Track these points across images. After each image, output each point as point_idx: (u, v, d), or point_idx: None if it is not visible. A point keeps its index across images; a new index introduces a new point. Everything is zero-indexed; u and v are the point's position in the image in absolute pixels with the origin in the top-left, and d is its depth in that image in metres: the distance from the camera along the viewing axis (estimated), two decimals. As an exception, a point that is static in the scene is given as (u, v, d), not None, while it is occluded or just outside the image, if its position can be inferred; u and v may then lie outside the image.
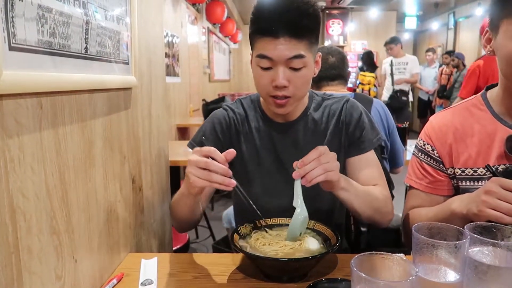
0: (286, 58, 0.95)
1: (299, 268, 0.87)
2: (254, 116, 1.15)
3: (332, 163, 0.89)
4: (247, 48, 11.31)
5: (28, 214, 0.63)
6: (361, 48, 8.64)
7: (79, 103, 0.79)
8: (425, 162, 1.10)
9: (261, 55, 0.97)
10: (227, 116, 1.15)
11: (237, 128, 1.15)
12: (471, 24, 7.47)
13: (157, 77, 1.33)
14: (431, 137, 1.09)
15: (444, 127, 1.08)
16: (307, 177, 0.87)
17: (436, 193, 1.08)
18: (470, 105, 1.08)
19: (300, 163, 0.88)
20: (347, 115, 1.12)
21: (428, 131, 1.12)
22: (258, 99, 1.18)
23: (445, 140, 1.06)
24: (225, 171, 0.84)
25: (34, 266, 0.65)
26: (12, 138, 0.60)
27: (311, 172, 0.87)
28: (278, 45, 0.94)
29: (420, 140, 1.13)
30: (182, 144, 3.07)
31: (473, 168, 1.02)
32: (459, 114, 1.07)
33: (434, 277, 0.68)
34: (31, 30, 0.61)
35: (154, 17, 1.28)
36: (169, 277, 0.92)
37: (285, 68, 0.97)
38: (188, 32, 4.60)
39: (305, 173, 0.87)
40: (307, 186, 0.88)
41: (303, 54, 0.96)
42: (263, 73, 0.99)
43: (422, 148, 1.11)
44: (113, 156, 0.97)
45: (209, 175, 0.83)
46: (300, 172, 0.88)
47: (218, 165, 0.84)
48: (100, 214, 0.90)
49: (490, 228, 0.74)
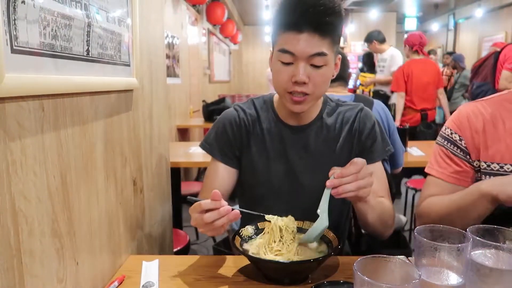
0: (308, 55, 0.95)
1: (300, 270, 0.87)
2: (266, 117, 1.14)
3: (367, 180, 0.88)
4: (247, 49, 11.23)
5: (30, 217, 0.63)
6: (361, 49, 8.64)
7: (80, 106, 0.79)
8: (450, 151, 1.06)
9: (283, 49, 0.97)
10: (237, 117, 1.14)
11: (247, 129, 1.13)
12: (471, 25, 7.48)
13: (158, 78, 1.33)
14: (460, 127, 1.05)
15: (475, 117, 1.04)
16: (339, 190, 0.86)
17: (459, 184, 1.04)
18: (503, 99, 1.04)
19: (338, 174, 0.87)
20: (360, 123, 1.12)
21: (456, 120, 1.07)
22: (272, 100, 1.16)
23: (475, 130, 1.02)
24: (222, 213, 0.81)
25: (35, 269, 0.65)
26: (14, 141, 0.60)
27: (345, 186, 0.86)
28: (301, 41, 0.94)
29: (447, 129, 1.08)
30: (183, 145, 3.07)
31: (499, 163, 0.99)
32: (491, 107, 1.04)
33: (436, 280, 0.68)
34: (33, 33, 0.61)
35: (155, 18, 1.28)
36: (170, 279, 0.92)
37: (306, 65, 0.96)
38: (188, 33, 4.60)
39: (339, 185, 0.86)
40: (336, 197, 0.88)
41: (325, 52, 0.96)
42: (283, 68, 0.99)
43: (449, 137, 1.07)
44: (114, 158, 0.97)
45: (213, 225, 0.82)
46: (335, 183, 0.87)
47: (212, 214, 0.81)
48: (102, 217, 0.90)
49: (492, 231, 0.73)
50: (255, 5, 7.66)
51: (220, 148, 1.12)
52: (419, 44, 3.96)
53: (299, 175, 1.10)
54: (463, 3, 7.52)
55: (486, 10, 6.72)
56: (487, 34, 6.67)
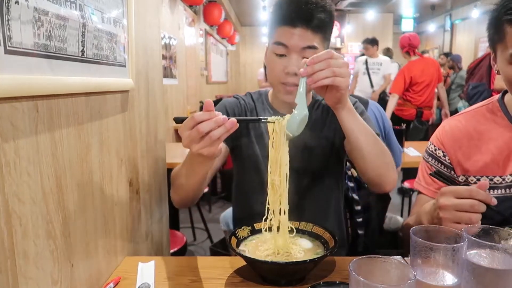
0: (300, 47, 1.04)
1: (296, 271, 0.87)
2: (262, 107, 1.24)
3: (343, 69, 0.85)
4: (245, 50, 11.27)
5: (24, 218, 0.63)
6: (358, 50, 8.66)
7: (75, 106, 0.79)
8: (435, 168, 1.07)
9: (278, 42, 1.06)
10: (239, 103, 1.24)
11: (246, 115, 1.23)
12: (468, 26, 7.51)
13: (154, 79, 1.33)
14: (443, 143, 1.06)
15: (458, 132, 1.04)
16: (314, 77, 0.85)
17: None
18: (485, 110, 1.04)
19: (310, 61, 0.86)
20: None
21: (440, 136, 1.08)
22: (266, 93, 1.27)
23: (458, 146, 1.03)
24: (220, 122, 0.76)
25: (30, 271, 0.65)
26: (8, 142, 0.59)
27: (319, 73, 0.84)
28: (294, 34, 1.03)
29: (431, 145, 1.09)
30: (179, 146, 3.05)
31: (489, 176, 0.99)
32: (474, 119, 1.04)
33: (432, 280, 0.68)
34: (27, 33, 0.61)
35: (151, 19, 1.28)
36: (166, 280, 0.92)
37: (298, 57, 1.05)
38: (185, 34, 4.60)
39: (313, 72, 0.85)
40: (313, 87, 0.87)
41: (316, 46, 1.04)
42: (277, 59, 1.07)
43: (432, 153, 1.08)
44: (110, 159, 0.96)
45: (210, 137, 0.76)
46: (308, 70, 0.85)
47: (209, 123, 0.76)
48: (97, 218, 0.90)
49: (488, 231, 0.74)
50: (252, 6, 7.67)
51: None
52: (408, 45, 4.07)
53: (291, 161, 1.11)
54: (459, 4, 7.56)
55: (483, 11, 6.75)
56: (483, 35, 6.69)
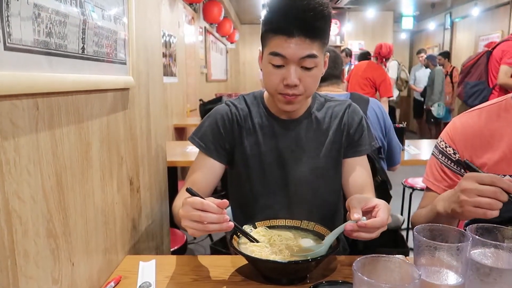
0: (299, 57, 0.97)
1: (298, 270, 0.87)
2: (257, 112, 1.15)
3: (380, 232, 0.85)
4: (244, 48, 11.23)
5: (24, 217, 0.62)
6: (358, 48, 8.65)
7: (76, 104, 0.78)
8: (445, 165, 1.06)
9: (274, 52, 0.98)
10: (229, 112, 1.14)
11: (239, 124, 1.14)
12: (468, 24, 7.49)
13: (155, 77, 1.32)
14: (454, 139, 1.04)
15: (470, 129, 1.02)
16: (353, 235, 0.84)
17: None
18: (498, 107, 1.02)
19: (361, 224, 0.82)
20: (349, 118, 1.15)
21: (451, 132, 1.06)
22: (262, 95, 1.18)
23: (470, 144, 1.01)
24: (220, 219, 0.80)
25: (30, 270, 0.64)
26: (7, 140, 0.58)
27: (361, 234, 0.83)
28: (292, 44, 0.96)
29: (442, 141, 1.08)
30: (180, 144, 3.05)
31: (500, 174, 0.96)
32: (486, 116, 1.02)
33: (436, 279, 0.68)
34: (27, 30, 0.60)
35: (151, 16, 1.27)
36: (167, 279, 0.91)
37: (297, 67, 0.98)
38: (185, 32, 4.58)
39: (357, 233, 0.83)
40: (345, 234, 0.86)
41: (315, 54, 0.97)
42: (274, 70, 1.00)
43: (443, 150, 1.07)
44: (110, 158, 0.96)
45: (205, 227, 0.80)
46: (354, 227, 0.83)
47: (212, 216, 0.79)
48: (98, 216, 0.89)
49: (491, 230, 0.73)
50: (252, 4, 7.64)
51: (210, 142, 1.12)
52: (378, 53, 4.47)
53: (291, 168, 1.11)
54: (459, 2, 7.53)
55: (483, 9, 6.73)
56: (483, 33, 6.68)
